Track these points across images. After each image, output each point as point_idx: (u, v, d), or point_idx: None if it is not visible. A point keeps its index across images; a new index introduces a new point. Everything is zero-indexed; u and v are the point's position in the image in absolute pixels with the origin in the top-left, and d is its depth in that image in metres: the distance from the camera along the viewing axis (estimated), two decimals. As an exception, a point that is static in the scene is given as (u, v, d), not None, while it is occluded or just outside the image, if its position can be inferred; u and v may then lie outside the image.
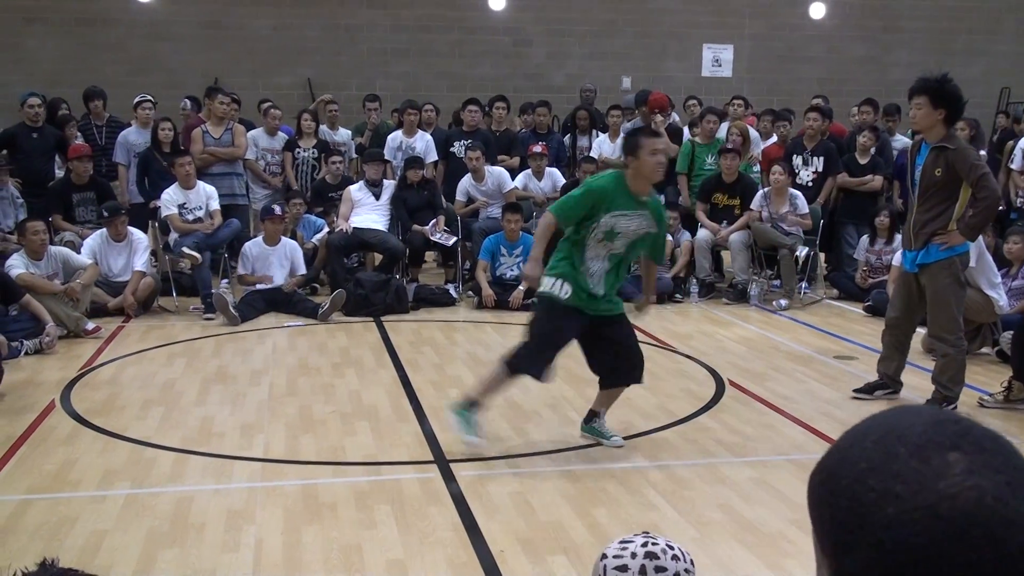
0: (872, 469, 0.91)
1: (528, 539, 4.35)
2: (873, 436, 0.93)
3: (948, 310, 6.15)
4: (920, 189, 6.08)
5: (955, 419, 0.94)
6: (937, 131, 5.93)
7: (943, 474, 0.88)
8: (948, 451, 0.90)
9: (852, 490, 0.91)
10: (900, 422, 0.94)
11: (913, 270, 6.25)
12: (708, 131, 11.12)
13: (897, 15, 18.19)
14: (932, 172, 5.98)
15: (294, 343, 8.47)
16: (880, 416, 0.97)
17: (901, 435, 0.92)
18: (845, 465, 0.93)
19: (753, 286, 10.26)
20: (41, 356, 7.84)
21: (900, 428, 0.93)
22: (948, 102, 5.86)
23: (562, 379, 7.13)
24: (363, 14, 16.60)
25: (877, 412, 0.98)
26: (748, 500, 4.84)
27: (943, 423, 0.93)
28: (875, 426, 0.95)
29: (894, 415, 0.96)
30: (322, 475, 5.24)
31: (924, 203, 6.07)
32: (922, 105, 5.90)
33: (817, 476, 0.97)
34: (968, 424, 0.93)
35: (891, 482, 0.89)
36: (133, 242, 9.43)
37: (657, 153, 5.30)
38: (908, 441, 0.91)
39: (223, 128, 10.98)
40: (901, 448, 0.91)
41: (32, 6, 15.58)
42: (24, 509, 4.68)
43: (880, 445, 0.92)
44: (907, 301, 6.38)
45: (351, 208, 10.44)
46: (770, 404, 6.56)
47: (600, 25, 17.31)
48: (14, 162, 10.43)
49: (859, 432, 0.95)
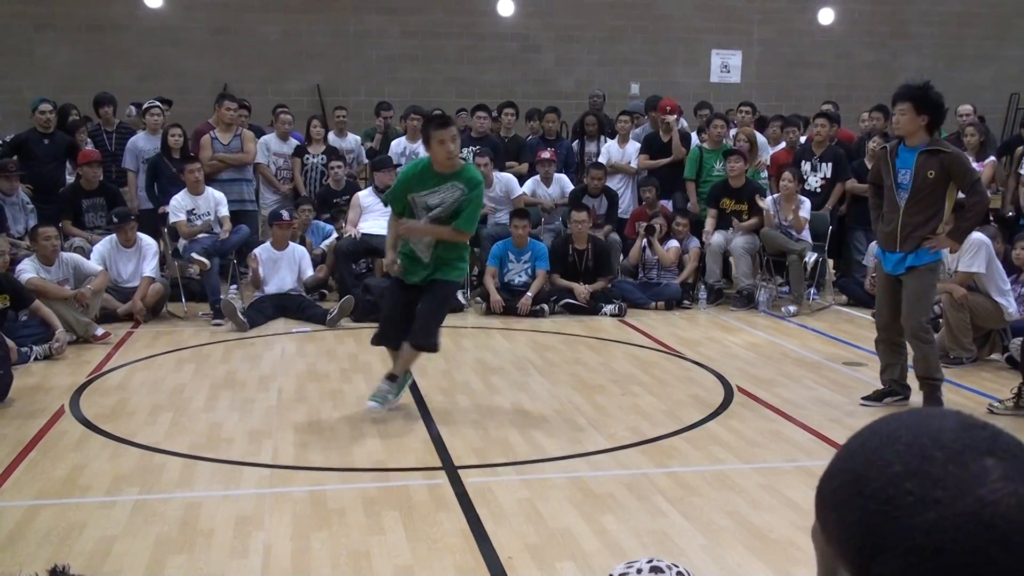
0: (908, 473, 0.90)
1: (536, 545, 4.35)
2: (905, 439, 0.93)
3: (927, 309, 6.45)
4: (912, 191, 6.15)
5: (983, 424, 0.94)
6: (920, 136, 6.10)
7: (982, 480, 0.88)
8: (984, 456, 0.90)
9: (886, 493, 0.90)
10: (930, 425, 0.93)
11: (899, 272, 6.30)
12: (716, 137, 11.11)
13: (906, 21, 18.17)
14: (924, 174, 6.08)
15: (303, 349, 8.48)
16: (903, 418, 0.96)
17: (935, 438, 0.92)
18: (875, 469, 0.92)
19: (762, 292, 10.24)
20: (51, 362, 7.86)
21: (931, 431, 0.93)
22: (930, 108, 6.04)
23: (571, 386, 7.15)
24: (372, 20, 16.64)
25: (894, 414, 0.97)
26: (757, 507, 4.84)
27: (973, 428, 0.93)
28: (902, 428, 0.94)
29: (921, 418, 0.95)
30: (331, 481, 5.24)
31: (914, 206, 6.16)
32: (906, 111, 6.07)
33: (839, 477, 0.95)
34: (995, 430, 0.93)
35: (930, 487, 0.89)
36: (142, 248, 9.46)
37: (444, 143, 6.00)
38: (943, 445, 0.91)
39: (232, 134, 11.01)
40: (937, 452, 0.90)
41: (43, 13, 15.64)
42: (33, 515, 4.69)
43: (913, 448, 0.91)
44: (893, 303, 6.44)
45: (360, 214, 10.46)
46: (779, 410, 6.55)
47: (609, 31, 17.32)
48: (25, 168, 10.46)
49: (885, 435, 0.94)
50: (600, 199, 10.82)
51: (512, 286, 9.97)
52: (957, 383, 7.28)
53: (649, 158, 11.41)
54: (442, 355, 8.15)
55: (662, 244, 10.30)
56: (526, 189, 11.03)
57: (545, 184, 11.11)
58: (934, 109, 6.05)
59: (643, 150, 11.53)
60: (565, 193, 11.05)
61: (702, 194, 10.94)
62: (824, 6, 18.01)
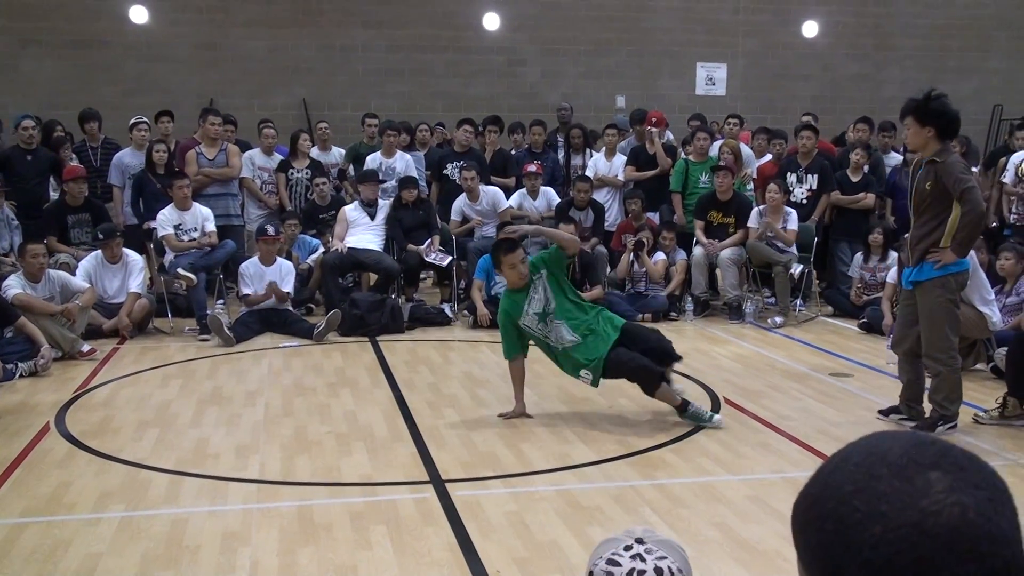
0: (857, 491, 0.92)
1: (524, 559, 4.34)
2: (855, 460, 0.95)
3: (940, 329, 6.10)
4: (914, 204, 6.12)
5: (932, 440, 0.96)
6: (931, 147, 5.98)
7: (926, 492, 0.90)
8: (929, 470, 0.92)
9: (838, 512, 0.92)
10: (880, 446, 0.96)
11: (908, 287, 6.24)
12: (700, 149, 11.15)
13: (889, 33, 18.29)
14: (923, 186, 6.01)
15: (289, 364, 8.46)
16: (859, 442, 0.99)
17: (882, 457, 0.94)
18: (829, 489, 0.95)
19: (748, 304, 10.27)
20: (36, 378, 7.83)
21: (880, 451, 0.95)
22: (934, 118, 5.93)
23: (558, 399, 7.15)
24: (358, 34, 16.66)
25: (856, 439, 1.00)
26: (744, 518, 4.84)
27: (922, 444, 0.95)
28: (855, 451, 0.97)
29: (874, 440, 0.98)
30: (318, 496, 5.23)
31: (919, 218, 6.10)
32: (910, 125, 6.01)
33: (802, 503, 0.98)
34: (946, 445, 0.95)
35: (876, 502, 0.91)
36: (128, 264, 9.44)
37: (515, 266, 6.47)
38: (889, 462, 0.93)
39: (217, 149, 11.00)
40: (883, 469, 0.93)
41: (28, 28, 15.62)
42: (18, 532, 4.66)
43: (862, 468, 0.94)
44: (907, 319, 6.32)
45: (346, 228, 10.45)
46: (765, 422, 6.56)
47: (594, 44, 17.39)
48: (8, 184, 10.44)
49: (840, 458, 0.97)
50: (587, 212, 10.84)
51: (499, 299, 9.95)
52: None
53: (635, 170, 11.45)
54: (429, 368, 8.17)
55: (649, 256, 10.32)
56: (512, 202, 11.04)
57: (532, 197, 11.13)
58: (937, 118, 5.93)
59: (629, 162, 11.57)
60: (551, 206, 11.07)
61: (688, 206, 10.97)
62: (808, 19, 18.13)
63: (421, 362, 8.42)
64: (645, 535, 1.94)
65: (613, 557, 1.87)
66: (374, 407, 6.95)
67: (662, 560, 1.90)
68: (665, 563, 1.90)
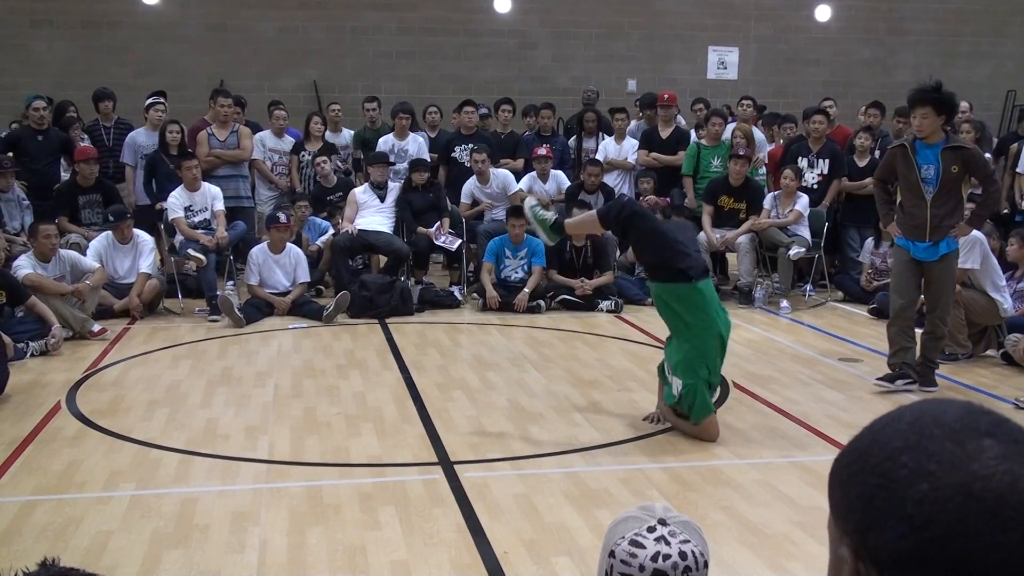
0: (906, 448, 0.93)
1: (532, 540, 4.36)
2: (907, 419, 0.96)
3: (952, 294, 6.96)
4: (939, 185, 6.56)
5: (988, 410, 0.96)
6: (939, 135, 6.56)
7: (978, 456, 0.90)
8: (983, 436, 0.92)
9: (884, 467, 0.93)
10: (935, 409, 0.96)
11: (932, 258, 6.69)
12: (714, 133, 11.11)
13: (902, 18, 18.16)
14: (950, 170, 6.52)
15: (299, 345, 8.48)
16: (913, 404, 0.99)
17: (936, 419, 0.94)
18: (877, 445, 0.95)
19: (758, 288, 10.25)
20: (47, 358, 7.86)
21: (935, 413, 0.95)
22: (948, 108, 6.52)
23: (567, 382, 7.16)
24: (369, 16, 16.61)
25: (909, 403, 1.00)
26: (752, 502, 4.85)
27: (978, 412, 0.95)
28: (908, 412, 0.97)
29: (928, 403, 0.98)
30: (327, 476, 5.25)
31: (939, 198, 6.59)
32: (928, 115, 6.46)
33: (846, 456, 0.98)
34: (1001, 416, 0.95)
35: (925, 460, 0.91)
36: (139, 244, 9.45)
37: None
38: (943, 424, 0.94)
39: (228, 130, 11.00)
40: (936, 430, 0.93)
41: (38, 8, 15.61)
42: (30, 510, 4.69)
43: (915, 427, 0.94)
44: (914, 288, 6.89)
45: (356, 210, 10.45)
46: (774, 406, 6.56)
47: (605, 28, 17.31)
48: (19, 165, 10.46)
49: (892, 416, 0.98)
50: (597, 195, 10.82)
51: (509, 282, 9.98)
52: (953, 379, 7.30)
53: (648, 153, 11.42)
54: (438, 351, 8.18)
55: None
56: (523, 185, 11.02)
57: (542, 180, 11.11)
58: (952, 109, 6.56)
59: (642, 145, 11.54)
60: (562, 189, 11.06)
61: (699, 190, 10.94)
62: (821, 3, 18.00)
63: (430, 344, 8.43)
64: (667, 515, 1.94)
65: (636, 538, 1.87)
66: (383, 389, 6.96)
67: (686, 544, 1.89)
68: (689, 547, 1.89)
